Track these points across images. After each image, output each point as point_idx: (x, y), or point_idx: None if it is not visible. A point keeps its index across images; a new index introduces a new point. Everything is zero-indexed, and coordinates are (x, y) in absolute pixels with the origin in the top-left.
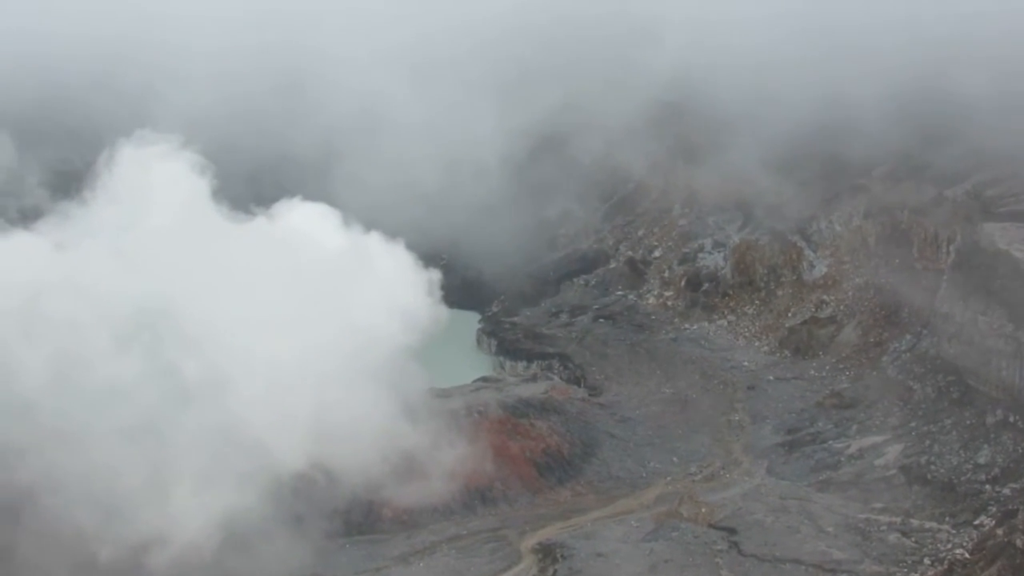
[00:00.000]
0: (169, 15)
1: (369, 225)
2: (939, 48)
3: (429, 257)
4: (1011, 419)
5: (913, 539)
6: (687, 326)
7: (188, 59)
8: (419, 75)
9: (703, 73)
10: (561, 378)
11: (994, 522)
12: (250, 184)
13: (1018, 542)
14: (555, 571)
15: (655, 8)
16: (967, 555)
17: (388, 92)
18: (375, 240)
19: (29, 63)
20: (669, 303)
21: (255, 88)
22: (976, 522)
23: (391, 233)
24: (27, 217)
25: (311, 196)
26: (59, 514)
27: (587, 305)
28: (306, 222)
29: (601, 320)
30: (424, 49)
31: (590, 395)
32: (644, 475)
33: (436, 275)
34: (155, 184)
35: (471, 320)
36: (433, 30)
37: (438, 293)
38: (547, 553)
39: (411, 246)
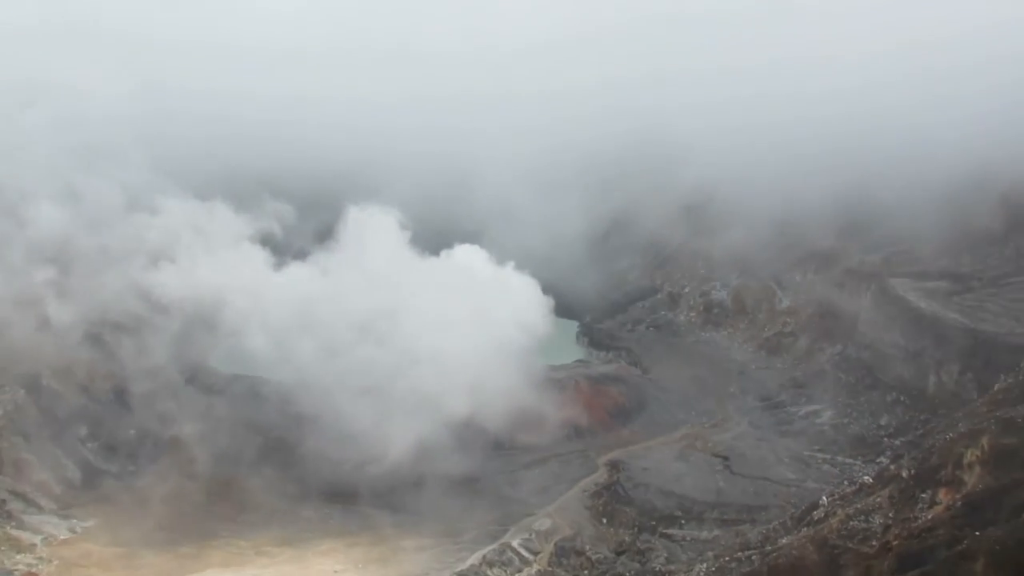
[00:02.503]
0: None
1: (516, 264)
2: (869, 163)
3: (547, 288)
4: (901, 399)
5: (838, 469)
6: (703, 334)
7: (398, 151)
8: (540, 175)
9: (714, 179)
10: (625, 362)
11: (888, 461)
12: (436, 234)
13: (903, 473)
14: (618, 476)
15: (683, 136)
16: (871, 480)
17: (522, 184)
18: (513, 272)
19: (296, 151)
20: (692, 320)
21: (439, 173)
22: (877, 460)
23: (528, 272)
24: (300, 255)
25: (477, 243)
26: (325, 434)
27: (643, 319)
28: (470, 260)
29: (651, 329)
30: (543, 158)
31: (643, 373)
32: (674, 422)
33: (551, 300)
34: (374, 234)
35: (572, 326)
36: (547, 147)
37: (552, 309)
38: (613, 466)
39: (539, 280)
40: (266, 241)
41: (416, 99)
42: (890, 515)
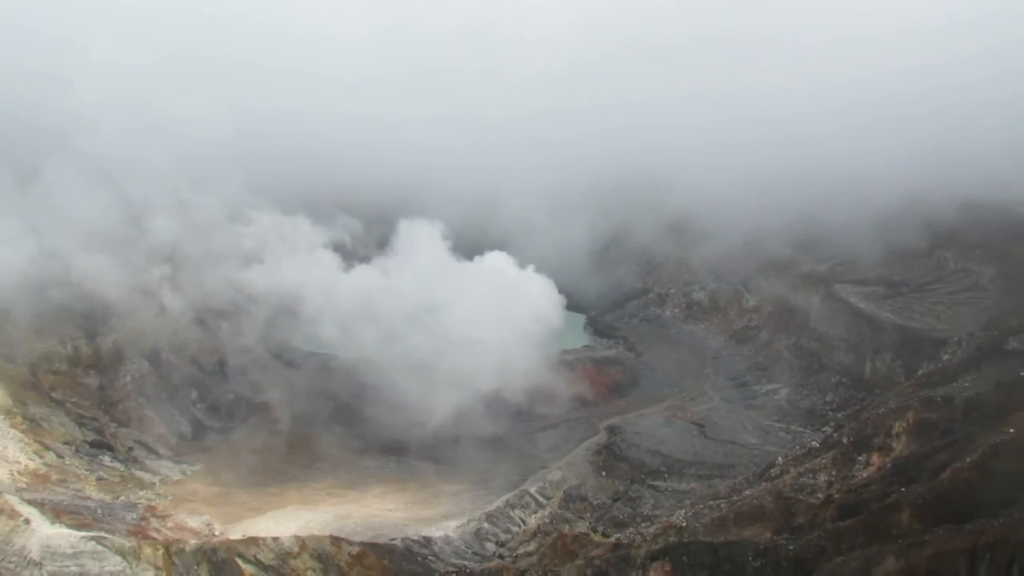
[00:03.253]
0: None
1: (533, 267)
2: (818, 190)
3: (559, 288)
4: (843, 380)
5: (791, 436)
6: (685, 327)
7: (441, 178)
8: (553, 200)
9: (694, 203)
10: (623, 348)
11: (832, 430)
12: (471, 244)
13: (843, 440)
14: (615, 438)
15: (669, 168)
16: (817, 445)
17: (538, 207)
18: (533, 274)
19: (361, 173)
20: (676, 315)
21: (473, 196)
22: (823, 429)
23: (544, 273)
24: (364, 259)
25: (505, 249)
26: (382, 402)
27: (637, 314)
28: (499, 264)
29: (643, 321)
30: (555, 187)
31: (636, 356)
32: (660, 396)
33: (563, 297)
34: (422, 243)
35: (580, 318)
36: (558, 178)
37: (564, 304)
38: (611, 430)
39: (552, 282)
40: (338, 248)
41: (454, 145)
42: (833, 473)
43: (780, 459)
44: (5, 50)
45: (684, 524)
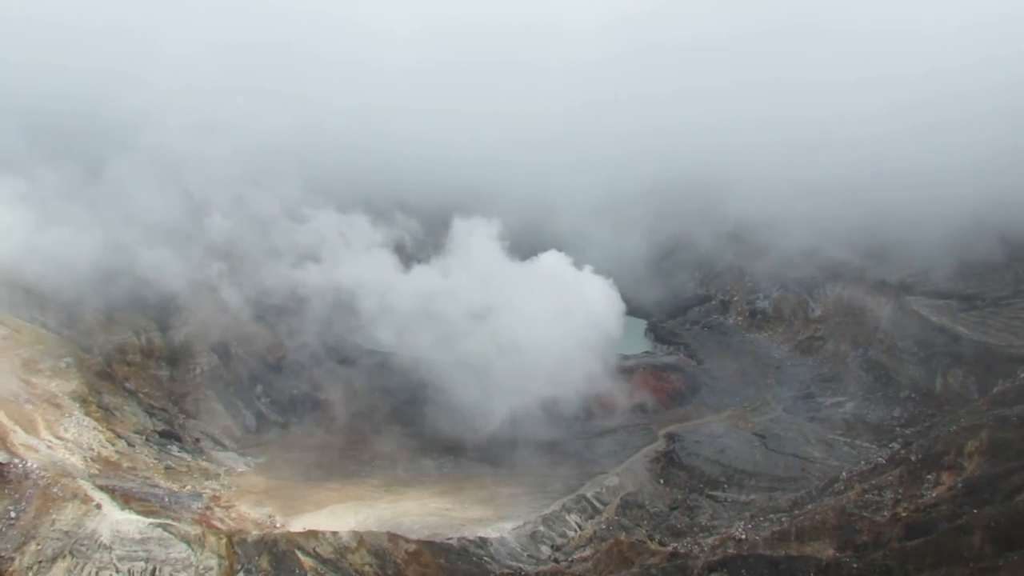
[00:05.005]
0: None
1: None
2: (886, 201)
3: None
4: (912, 395)
5: (856, 451)
6: (748, 335)
7: (498, 182)
8: (609, 202)
9: (756, 212)
10: (683, 355)
11: (898, 446)
12: (528, 247)
13: (912, 457)
14: (674, 446)
15: (728, 177)
16: (884, 461)
17: (596, 210)
18: (593, 277)
19: (422, 172)
20: (739, 323)
21: (530, 199)
22: (890, 445)
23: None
24: (423, 260)
25: (562, 249)
26: (440, 402)
27: (699, 321)
28: (555, 264)
29: (705, 329)
30: (612, 190)
31: (697, 364)
32: (721, 405)
33: (624, 304)
34: (481, 243)
35: (641, 324)
36: (616, 175)
37: (624, 309)
38: (670, 437)
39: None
40: (398, 248)
41: (511, 141)
42: (899, 491)
43: (844, 474)
44: (73, 47)
45: (743, 536)
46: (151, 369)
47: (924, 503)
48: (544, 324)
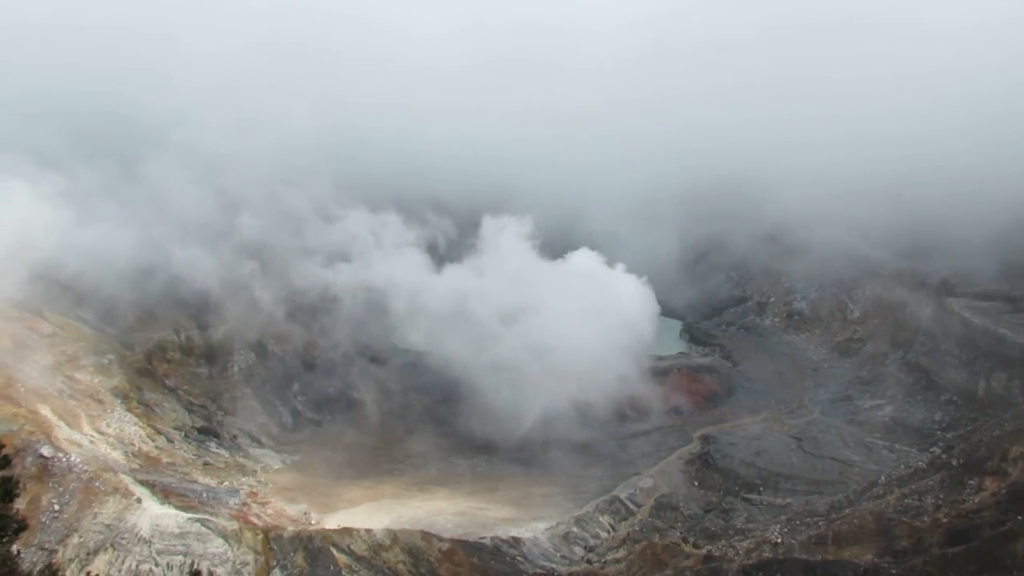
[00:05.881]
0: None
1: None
2: (926, 202)
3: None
4: (954, 399)
5: (895, 455)
6: (785, 336)
7: (530, 164)
8: (642, 203)
9: (793, 213)
10: (719, 356)
11: (939, 450)
12: (559, 245)
13: (953, 461)
14: (709, 448)
15: (765, 177)
16: (924, 465)
17: (629, 211)
18: (627, 276)
19: (455, 171)
20: (776, 324)
21: (562, 197)
22: (930, 449)
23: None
24: (455, 260)
25: (594, 250)
26: (473, 402)
27: (735, 322)
28: (587, 262)
29: (741, 330)
30: (643, 190)
31: (733, 365)
32: (757, 407)
33: (657, 305)
34: (512, 243)
35: (676, 325)
36: (649, 173)
37: (658, 310)
38: (705, 439)
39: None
40: (431, 248)
41: (542, 141)
42: (940, 496)
43: (883, 478)
44: (107, 50)
45: (779, 540)
46: (190, 366)
47: (966, 509)
48: (577, 324)
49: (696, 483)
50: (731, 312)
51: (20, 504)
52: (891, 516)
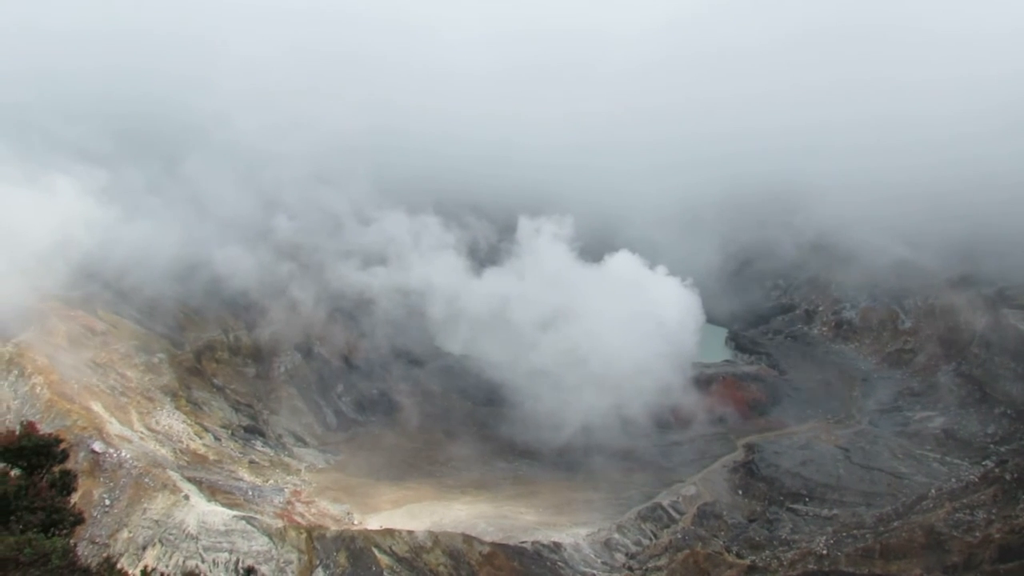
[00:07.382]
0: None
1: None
2: (979, 209)
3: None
4: (1008, 412)
5: (946, 468)
6: (833, 346)
7: (568, 168)
8: (682, 212)
9: (839, 211)
10: (765, 364)
11: (992, 464)
12: (598, 252)
13: (1006, 476)
14: (753, 457)
15: (810, 183)
16: (976, 479)
17: (668, 217)
18: (670, 280)
19: (496, 175)
20: (824, 333)
21: (601, 203)
22: (983, 463)
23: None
24: (495, 263)
25: (633, 250)
26: (515, 406)
27: (782, 330)
28: (627, 266)
29: (788, 338)
30: (684, 197)
31: (779, 374)
32: (803, 416)
33: (703, 313)
34: (552, 246)
35: (722, 332)
36: (690, 179)
37: (703, 318)
38: (750, 448)
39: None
40: (472, 251)
41: (581, 146)
42: (993, 511)
43: (933, 491)
44: (151, 54)
45: (825, 552)
46: (238, 366)
47: (1019, 524)
48: (618, 330)
49: (740, 492)
50: (778, 321)
51: (73, 498)
52: (942, 530)
